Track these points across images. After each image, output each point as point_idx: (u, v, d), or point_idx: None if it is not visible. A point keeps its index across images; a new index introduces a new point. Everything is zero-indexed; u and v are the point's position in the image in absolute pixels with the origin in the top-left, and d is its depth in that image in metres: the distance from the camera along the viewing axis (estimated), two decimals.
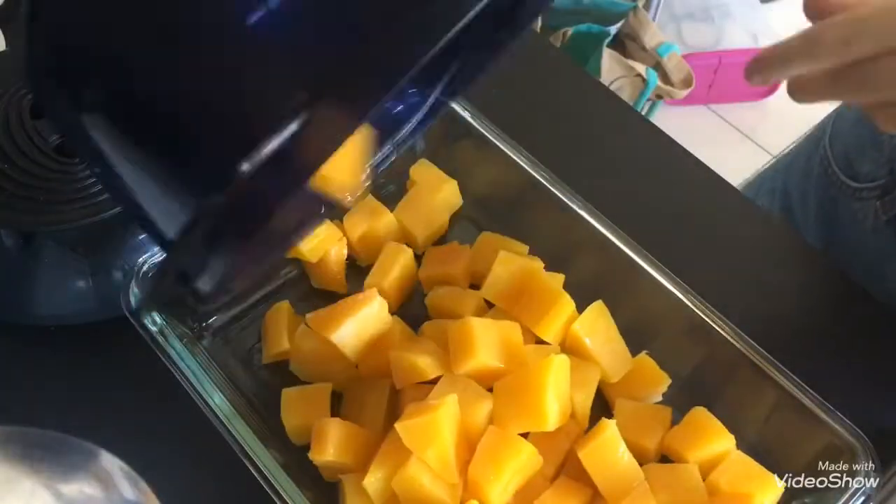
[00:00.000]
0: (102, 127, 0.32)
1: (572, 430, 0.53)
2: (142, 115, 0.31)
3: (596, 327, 0.56)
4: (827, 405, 0.50)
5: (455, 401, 0.50)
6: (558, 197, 0.59)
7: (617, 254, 0.57)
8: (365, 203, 0.63)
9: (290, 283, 0.63)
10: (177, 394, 0.51)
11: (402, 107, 0.49)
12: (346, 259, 0.61)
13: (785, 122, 1.74)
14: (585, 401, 0.54)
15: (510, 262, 0.58)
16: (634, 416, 0.55)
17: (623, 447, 0.51)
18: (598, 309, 0.57)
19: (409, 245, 0.61)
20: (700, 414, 0.54)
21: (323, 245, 0.59)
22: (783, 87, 0.45)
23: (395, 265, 0.60)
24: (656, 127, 0.73)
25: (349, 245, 0.62)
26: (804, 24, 0.41)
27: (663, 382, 0.56)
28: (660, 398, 0.57)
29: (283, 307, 0.59)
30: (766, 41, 1.63)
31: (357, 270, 0.62)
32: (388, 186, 0.66)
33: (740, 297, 0.61)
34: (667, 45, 1.49)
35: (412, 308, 0.61)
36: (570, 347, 0.57)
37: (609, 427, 0.51)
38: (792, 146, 0.81)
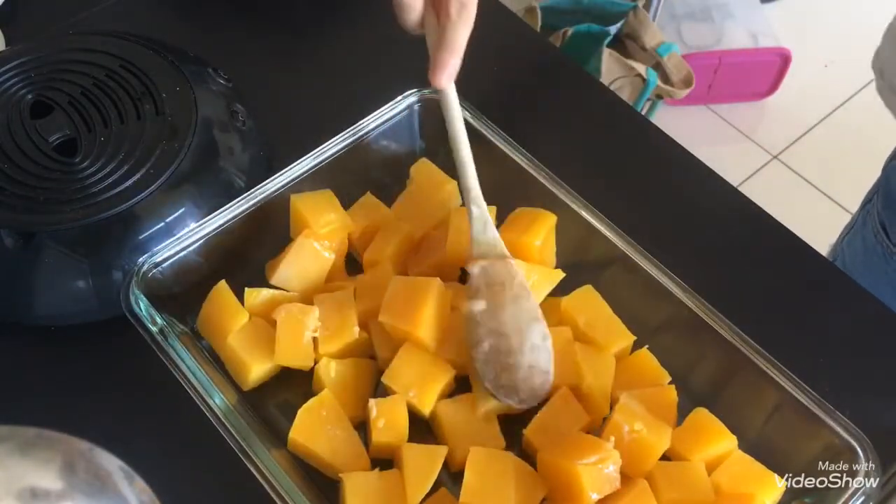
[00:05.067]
0: None
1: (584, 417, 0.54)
2: None
3: (587, 306, 0.57)
4: (827, 405, 0.50)
5: None
6: (558, 197, 0.59)
7: (616, 253, 0.57)
8: (366, 201, 0.63)
9: None
10: (177, 394, 0.51)
11: None
12: (346, 255, 0.62)
13: (785, 122, 1.74)
14: (604, 387, 0.55)
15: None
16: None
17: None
18: (587, 290, 0.58)
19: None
20: (702, 415, 0.54)
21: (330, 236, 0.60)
22: (783, 86, 0.46)
23: (395, 239, 0.60)
24: (656, 127, 0.73)
25: (350, 242, 0.62)
26: (804, 24, 0.42)
27: (664, 379, 0.56)
28: None
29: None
30: (766, 41, 1.64)
31: (358, 269, 0.62)
32: (390, 186, 0.66)
33: (740, 296, 0.61)
34: (667, 45, 1.49)
35: None
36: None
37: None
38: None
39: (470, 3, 0.50)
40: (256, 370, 0.55)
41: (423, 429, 0.55)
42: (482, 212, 0.55)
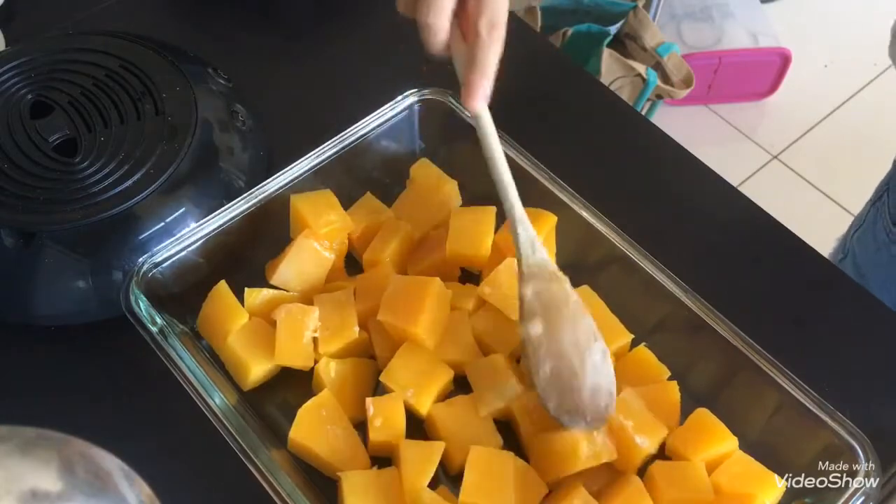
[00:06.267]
0: None
1: None
2: None
3: (586, 305, 0.56)
4: (827, 405, 0.50)
5: None
6: (558, 197, 0.59)
7: (616, 253, 0.57)
8: (365, 201, 0.63)
9: None
10: (177, 394, 0.51)
11: None
12: (346, 256, 0.62)
13: (785, 122, 1.74)
14: None
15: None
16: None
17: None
18: (584, 290, 0.58)
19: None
20: (703, 415, 0.54)
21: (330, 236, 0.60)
22: (783, 86, 0.46)
23: (394, 239, 0.60)
24: (656, 127, 0.73)
25: (350, 242, 0.62)
26: (804, 24, 0.42)
27: (663, 374, 0.56)
28: None
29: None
30: (766, 41, 1.64)
31: (358, 269, 0.62)
32: (390, 186, 0.66)
33: (740, 296, 0.61)
34: (667, 45, 1.49)
35: None
36: None
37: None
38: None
39: (500, 21, 0.48)
40: (256, 370, 0.55)
41: (421, 429, 0.55)
42: (528, 233, 0.53)
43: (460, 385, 0.56)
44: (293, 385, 0.57)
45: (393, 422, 0.53)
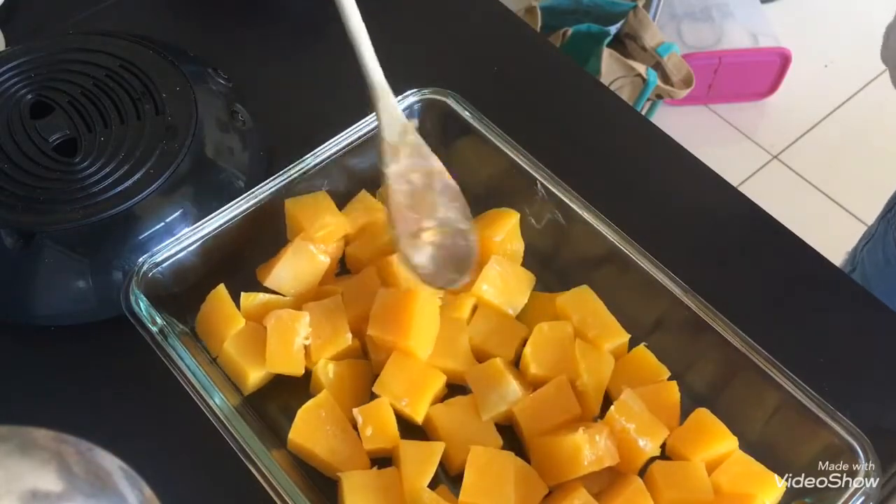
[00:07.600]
0: None
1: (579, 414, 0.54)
2: None
3: (582, 304, 0.57)
4: (827, 405, 0.50)
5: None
6: (558, 197, 0.59)
7: (617, 253, 0.57)
8: (361, 199, 0.63)
9: None
10: (177, 394, 0.51)
11: None
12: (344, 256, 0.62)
13: (785, 122, 1.74)
14: (599, 386, 0.55)
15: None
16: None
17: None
18: (583, 290, 0.58)
19: None
20: (703, 415, 0.54)
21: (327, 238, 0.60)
22: (783, 86, 0.46)
23: (378, 239, 0.60)
24: (656, 127, 0.73)
25: (347, 243, 0.62)
26: (804, 24, 0.42)
27: (663, 374, 0.56)
28: None
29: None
30: (766, 41, 1.64)
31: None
32: None
33: (740, 296, 0.61)
34: (667, 45, 1.49)
35: None
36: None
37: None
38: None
39: None
40: (254, 376, 0.55)
41: (418, 433, 0.55)
42: (392, 111, 0.55)
43: (453, 390, 0.56)
44: (293, 386, 0.57)
45: (384, 429, 0.53)
